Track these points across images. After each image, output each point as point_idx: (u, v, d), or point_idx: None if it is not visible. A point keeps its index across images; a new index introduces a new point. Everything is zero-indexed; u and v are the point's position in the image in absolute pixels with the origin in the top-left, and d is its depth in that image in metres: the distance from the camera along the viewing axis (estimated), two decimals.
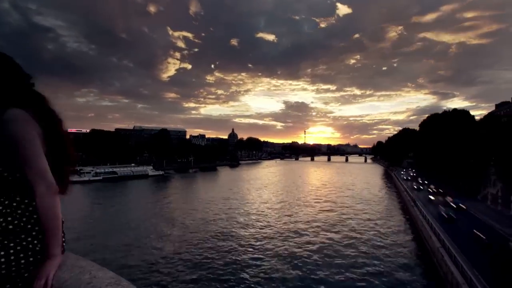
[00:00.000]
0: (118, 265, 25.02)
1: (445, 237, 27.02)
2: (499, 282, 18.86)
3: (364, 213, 47.46)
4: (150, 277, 23.77)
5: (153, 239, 33.05)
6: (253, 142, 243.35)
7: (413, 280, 24.39)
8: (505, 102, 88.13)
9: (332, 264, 27.88)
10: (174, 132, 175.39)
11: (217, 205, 52.28)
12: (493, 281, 18.97)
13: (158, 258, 27.46)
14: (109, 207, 50.65)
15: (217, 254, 28.63)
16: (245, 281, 23.58)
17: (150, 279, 23.41)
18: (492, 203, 42.95)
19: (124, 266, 25.21)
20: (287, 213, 47.54)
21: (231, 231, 36.28)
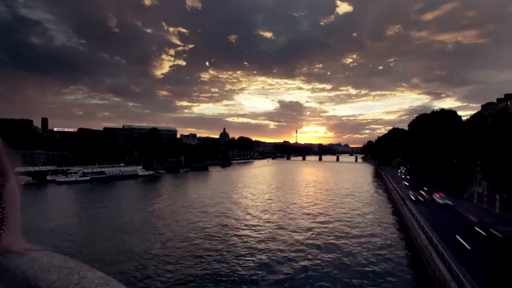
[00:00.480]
0: (104, 266, 24.45)
1: (433, 235, 27.55)
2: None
3: (355, 212, 47.99)
4: (138, 279, 23.35)
5: (141, 241, 32.41)
6: (244, 142, 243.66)
7: (403, 277, 24.69)
8: (491, 102, 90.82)
9: (324, 259, 28.17)
10: (165, 131, 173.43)
11: (207, 206, 51.46)
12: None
13: (146, 260, 26.88)
14: (96, 208, 49.48)
15: (207, 256, 28.25)
16: (235, 281, 23.45)
17: (138, 280, 23.00)
18: (478, 201, 44.12)
19: (110, 268, 24.64)
20: (278, 214, 47.60)
21: (221, 232, 35.68)
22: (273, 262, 27.01)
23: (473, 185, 47.36)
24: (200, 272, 24.67)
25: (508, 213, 35.39)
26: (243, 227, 38.22)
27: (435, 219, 34.99)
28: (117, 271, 23.60)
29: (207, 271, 24.98)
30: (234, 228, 37.55)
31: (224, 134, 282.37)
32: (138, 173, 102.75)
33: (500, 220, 34.98)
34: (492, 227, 28.56)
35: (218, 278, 23.84)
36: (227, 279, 23.72)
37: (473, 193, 46.43)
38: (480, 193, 43.66)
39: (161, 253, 28.75)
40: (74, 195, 62.55)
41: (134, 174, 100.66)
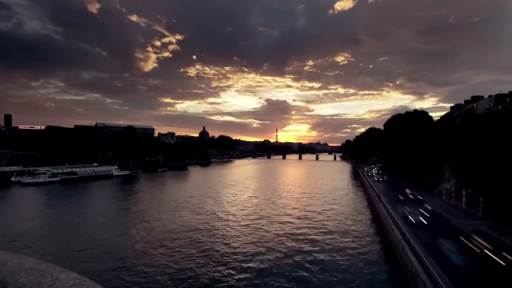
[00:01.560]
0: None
1: (406, 230, 28.51)
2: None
3: (334, 208, 49.10)
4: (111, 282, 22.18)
5: (111, 245, 30.97)
6: (225, 141, 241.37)
7: (378, 270, 25.55)
8: (459, 104, 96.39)
9: (303, 251, 28.85)
10: (141, 130, 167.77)
11: (184, 207, 49.90)
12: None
13: (117, 263, 25.80)
14: (66, 210, 46.65)
15: (182, 258, 27.53)
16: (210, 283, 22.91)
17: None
18: (447, 197, 46.57)
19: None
20: (258, 212, 47.42)
21: (197, 236, 34.57)
22: (253, 258, 26.84)
23: (442, 181, 49.85)
24: (175, 275, 23.94)
25: (473, 208, 37.50)
26: (221, 231, 37.41)
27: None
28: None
29: (177, 271, 24.35)
30: (212, 232, 36.41)
31: (204, 133, 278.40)
32: (113, 173, 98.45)
33: (466, 213, 37.12)
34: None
35: (187, 276, 23.41)
36: (197, 280, 23.14)
37: (442, 189, 48.91)
38: (448, 189, 46.04)
39: (133, 257, 27.60)
40: (42, 197, 58.58)
41: (109, 175, 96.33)
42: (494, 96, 70.44)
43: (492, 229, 29.67)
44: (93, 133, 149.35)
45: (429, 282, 17.98)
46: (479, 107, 71.56)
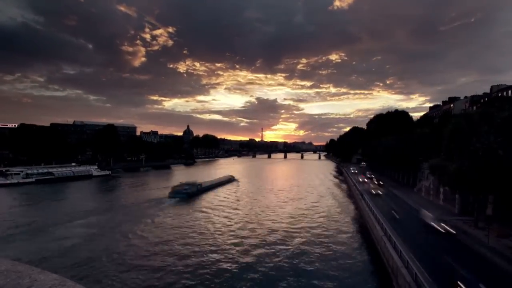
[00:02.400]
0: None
1: (387, 226, 29.12)
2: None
3: (319, 206, 49.76)
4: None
5: (84, 246, 29.75)
6: (209, 140, 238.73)
7: (361, 265, 26.07)
8: (437, 105, 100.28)
9: (287, 246, 29.15)
10: (123, 129, 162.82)
11: (163, 208, 47.86)
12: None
13: (90, 265, 24.71)
14: (38, 212, 44.39)
15: (160, 261, 26.75)
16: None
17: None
18: (426, 194, 48.22)
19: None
20: (245, 210, 47.11)
21: (175, 238, 32.79)
22: (238, 254, 26.48)
23: (422, 179, 51.57)
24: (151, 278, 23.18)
25: (450, 205, 38.99)
26: (205, 235, 36.38)
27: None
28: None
29: (150, 270, 23.62)
30: (192, 239, 33.88)
31: (188, 131, 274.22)
32: (93, 173, 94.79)
33: (443, 209, 38.53)
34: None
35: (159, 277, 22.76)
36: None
37: (422, 186, 50.58)
38: (427, 186, 47.67)
39: (106, 262, 26.47)
40: (15, 199, 55.29)
41: (88, 175, 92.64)
42: (470, 98, 73.70)
43: (467, 224, 30.91)
44: (70, 132, 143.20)
45: (408, 276, 18.41)
46: (456, 108, 74.67)
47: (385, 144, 65.81)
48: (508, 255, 22.11)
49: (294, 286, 22.41)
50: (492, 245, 24.17)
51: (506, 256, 21.95)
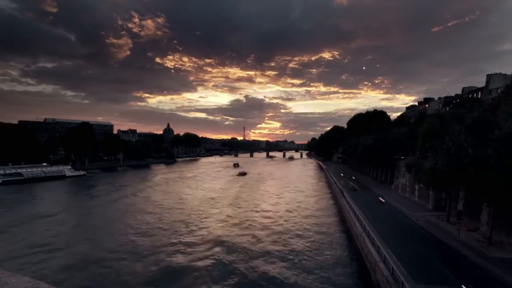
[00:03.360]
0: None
1: (366, 223, 29.89)
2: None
3: (301, 203, 50.34)
4: None
5: (54, 248, 28.25)
6: (190, 138, 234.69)
7: (341, 260, 26.64)
8: (413, 105, 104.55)
9: (270, 243, 29.33)
10: (99, 127, 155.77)
11: (140, 211, 45.06)
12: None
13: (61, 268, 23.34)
14: (3, 215, 41.48)
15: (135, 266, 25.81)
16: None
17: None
18: (402, 191, 50.11)
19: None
20: (229, 209, 46.64)
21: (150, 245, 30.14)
22: (224, 255, 26.08)
23: (398, 177, 53.50)
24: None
25: (424, 201, 40.70)
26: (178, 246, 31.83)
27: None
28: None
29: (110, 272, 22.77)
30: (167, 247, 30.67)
31: (168, 130, 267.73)
32: (66, 173, 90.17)
33: (418, 206, 40.21)
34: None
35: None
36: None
37: (398, 184, 52.46)
38: (403, 184, 49.52)
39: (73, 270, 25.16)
40: None
41: (61, 175, 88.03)
42: (443, 98, 77.43)
43: (440, 219, 32.42)
44: (41, 130, 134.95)
45: (386, 270, 18.93)
46: (430, 108, 78.16)
47: (364, 143, 67.69)
48: (476, 247, 23.37)
49: (277, 277, 22.50)
50: (462, 239, 25.44)
51: (474, 248, 23.19)
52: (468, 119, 27.52)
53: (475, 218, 28.55)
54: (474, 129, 24.94)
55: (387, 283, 17.72)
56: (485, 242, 24.23)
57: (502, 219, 24.41)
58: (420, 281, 17.46)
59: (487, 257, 21.49)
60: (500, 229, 24.48)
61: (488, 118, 24.80)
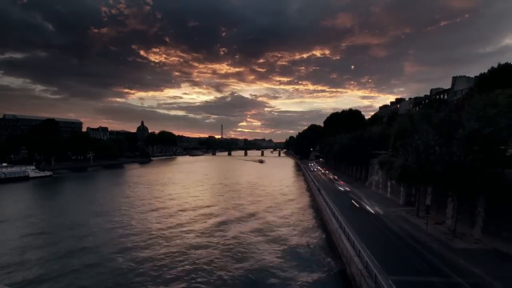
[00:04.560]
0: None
1: (342, 219, 30.75)
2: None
3: (281, 200, 51.13)
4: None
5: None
6: (166, 137, 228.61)
7: (317, 256, 27.20)
8: (386, 105, 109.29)
9: (250, 239, 29.36)
10: (66, 124, 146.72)
11: (108, 217, 40.92)
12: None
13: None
14: None
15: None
16: None
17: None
18: (376, 187, 52.26)
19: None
20: (212, 207, 45.87)
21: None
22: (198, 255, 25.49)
23: (372, 174, 55.70)
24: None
25: (396, 197, 42.74)
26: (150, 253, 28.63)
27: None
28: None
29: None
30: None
31: (143, 128, 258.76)
32: (30, 174, 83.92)
33: (390, 201, 42.17)
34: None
35: None
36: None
37: (372, 181, 54.64)
38: (377, 181, 51.66)
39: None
40: None
41: (24, 176, 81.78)
42: (413, 99, 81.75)
43: (410, 214, 34.18)
44: (0, 127, 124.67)
45: (360, 264, 19.54)
46: (402, 108, 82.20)
47: (340, 141, 69.71)
48: (442, 239, 24.90)
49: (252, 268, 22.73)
50: (430, 232, 26.96)
51: (441, 240, 24.69)
52: (435, 119, 29.12)
53: (441, 212, 30.37)
54: (440, 128, 26.40)
55: (362, 276, 18.26)
56: (450, 234, 25.84)
57: (465, 213, 26.20)
58: (392, 273, 18.18)
59: (452, 248, 22.93)
60: (463, 222, 26.25)
61: (453, 118, 26.36)
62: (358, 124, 78.38)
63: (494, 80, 37.69)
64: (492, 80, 38.30)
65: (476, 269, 18.71)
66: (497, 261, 20.29)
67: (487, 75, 41.35)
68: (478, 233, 24.78)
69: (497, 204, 23.11)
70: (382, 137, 53.04)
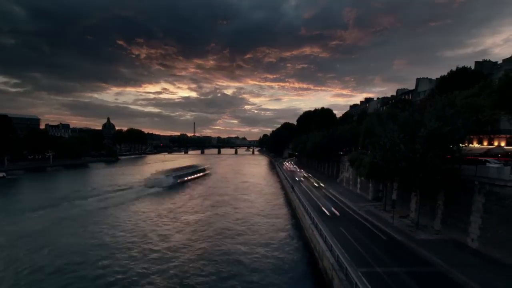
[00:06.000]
0: None
1: (315, 216, 31.43)
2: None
3: (254, 199, 50.89)
4: None
5: None
6: (135, 135, 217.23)
7: (291, 251, 27.73)
8: (355, 104, 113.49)
9: (223, 235, 29.35)
10: (21, 120, 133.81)
11: (64, 223, 36.25)
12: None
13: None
14: None
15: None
16: None
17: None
18: (346, 184, 54.25)
19: None
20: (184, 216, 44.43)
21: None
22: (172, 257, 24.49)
23: (343, 171, 57.73)
24: None
25: (365, 193, 44.68)
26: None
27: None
28: None
29: None
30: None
31: (109, 125, 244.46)
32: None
33: (360, 197, 44.01)
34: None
35: None
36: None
37: (343, 177, 56.65)
38: (347, 177, 53.64)
39: None
40: None
41: None
42: (381, 99, 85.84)
43: (378, 208, 35.90)
44: None
45: (332, 258, 20.11)
46: (371, 107, 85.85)
47: (312, 139, 71.35)
48: (406, 232, 26.44)
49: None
50: (396, 225, 28.49)
51: (405, 233, 26.20)
52: (400, 118, 30.75)
53: (406, 206, 32.26)
54: (405, 127, 27.94)
55: (333, 270, 18.78)
56: (413, 227, 27.51)
57: (427, 206, 28.04)
58: (362, 266, 18.93)
59: (415, 239, 24.42)
60: (425, 215, 28.08)
61: (416, 118, 28.00)
62: (330, 123, 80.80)
63: (452, 82, 40.53)
64: (451, 82, 41.14)
65: (436, 258, 20.11)
66: (454, 250, 21.97)
67: (446, 78, 44.14)
68: (438, 225, 26.67)
69: (455, 198, 25.01)
70: (352, 136, 54.96)
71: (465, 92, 31.67)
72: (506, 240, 19.38)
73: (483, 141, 36.79)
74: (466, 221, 23.23)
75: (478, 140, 37.40)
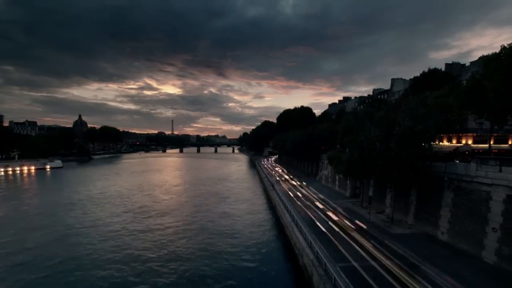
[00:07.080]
0: None
1: (295, 213, 31.72)
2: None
3: (235, 197, 50.50)
4: None
5: None
6: (109, 133, 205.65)
7: (272, 248, 27.98)
8: (334, 103, 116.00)
9: (201, 239, 28.77)
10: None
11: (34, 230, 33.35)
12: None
13: None
14: None
15: None
16: None
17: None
18: (325, 181, 55.39)
19: None
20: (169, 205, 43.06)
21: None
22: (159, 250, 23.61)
23: (322, 169, 58.86)
24: None
25: (343, 190, 45.83)
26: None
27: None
28: None
29: None
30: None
31: (80, 122, 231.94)
32: None
33: (338, 194, 45.06)
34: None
35: None
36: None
37: (322, 175, 57.74)
38: (326, 175, 54.73)
39: None
40: None
41: None
42: (358, 98, 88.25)
43: (355, 205, 36.92)
44: None
45: (311, 254, 20.38)
46: (348, 106, 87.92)
47: (292, 137, 72.04)
48: (382, 226, 27.37)
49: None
50: (372, 220, 29.41)
51: (381, 227, 27.13)
52: (376, 117, 31.75)
53: (381, 202, 33.43)
54: (380, 125, 28.87)
55: (313, 266, 19.02)
56: (389, 222, 28.56)
57: (401, 202, 29.21)
58: (340, 261, 19.35)
59: (390, 233, 25.35)
60: (399, 210, 29.25)
61: (391, 117, 29.04)
62: (309, 121, 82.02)
63: (424, 83, 42.53)
64: (423, 82, 43.15)
65: (409, 251, 21.01)
66: (426, 243, 23.06)
67: (419, 78, 46.17)
68: (411, 220, 27.88)
69: (426, 194, 26.23)
70: (331, 134, 56.04)
71: (436, 92, 33.30)
72: (472, 232, 20.62)
73: (452, 139, 38.98)
74: (436, 215, 24.46)
75: (448, 138, 39.57)
